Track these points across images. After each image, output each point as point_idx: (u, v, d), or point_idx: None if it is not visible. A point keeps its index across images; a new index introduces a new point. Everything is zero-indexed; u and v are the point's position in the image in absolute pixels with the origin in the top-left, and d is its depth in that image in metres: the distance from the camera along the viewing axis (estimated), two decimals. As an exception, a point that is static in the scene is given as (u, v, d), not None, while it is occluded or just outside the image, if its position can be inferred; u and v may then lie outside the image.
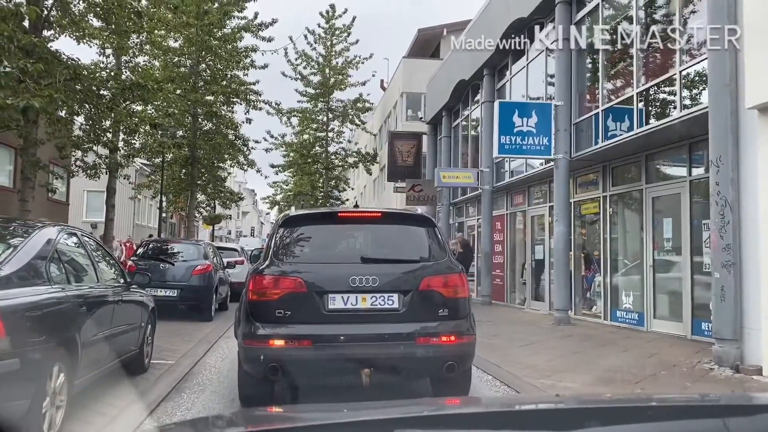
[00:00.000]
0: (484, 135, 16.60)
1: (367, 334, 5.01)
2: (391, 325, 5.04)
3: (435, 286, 5.16)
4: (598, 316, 12.35)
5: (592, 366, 7.79)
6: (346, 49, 32.78)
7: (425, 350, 5.04)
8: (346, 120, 33.58)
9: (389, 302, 5.04)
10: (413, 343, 5.02)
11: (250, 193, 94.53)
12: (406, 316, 5.05)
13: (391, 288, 5.07)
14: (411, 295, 5.07)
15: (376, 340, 5.00)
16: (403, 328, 5.04)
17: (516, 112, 11.86)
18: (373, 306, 5.02)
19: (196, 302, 11.70)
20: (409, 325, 5.05)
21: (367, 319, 5.06)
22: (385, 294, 5.04)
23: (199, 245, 12.72)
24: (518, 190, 15.94)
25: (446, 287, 5.18)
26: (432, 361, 5.10)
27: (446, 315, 5.12)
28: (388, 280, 5.08)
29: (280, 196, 37.36)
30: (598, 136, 11.45)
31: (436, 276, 5.20)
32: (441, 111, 21.14)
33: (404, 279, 5.18)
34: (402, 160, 23.95)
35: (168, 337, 9.37)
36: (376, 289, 5.01)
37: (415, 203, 20.74)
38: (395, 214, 6.56)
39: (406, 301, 5.06)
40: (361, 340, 4.99)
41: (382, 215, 6.01)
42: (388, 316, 5.05)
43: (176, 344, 8.90)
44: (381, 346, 5.00)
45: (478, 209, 18.61)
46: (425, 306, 5.13)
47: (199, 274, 11.78)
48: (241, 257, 17.76)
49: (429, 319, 5.11)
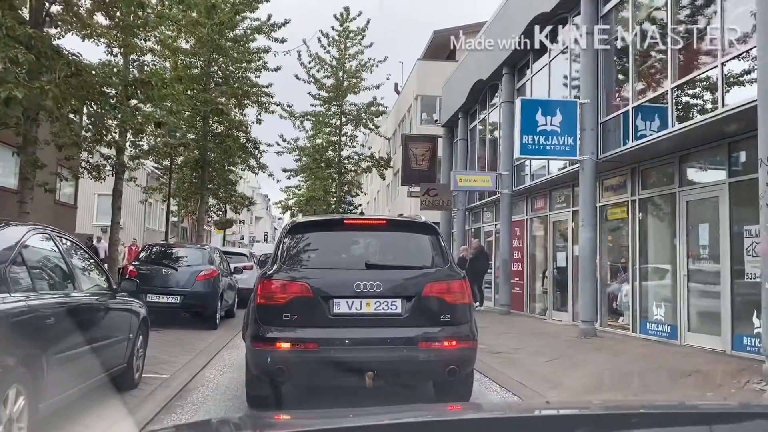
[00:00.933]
0: (504, 137, 15.91)
1: (371, 338, 5.16)
2: (395, 329, 5.18)
3: (437, 292, 5.28)
4: (626, 327, 11.58)
5: (627, 384, 7.07)
6: (360, 52, 32.21)
7: (427, 354, 5.18)
8: (360, 124, 32.96)
9: (392, 307, 5.17)
10: (416, 347, 5.15)
11: (263, 198, 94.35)
12: (409, 321, 5.18)
13: (395, 293, 5.20)
14: (414, 300, 5.20)
15: (379, 344, 5.14)
16: (405, 332, 5.17)
17: (539, 110, 11.16)
18: (377, 311, 5.15)
19: (199, 309, 11.11)
20: (411, 329, 5.17)
21: (371, 324, 5.18)
22: (389, 299, 5.16)
23: (204, 250, 12.13)
24: (539, 194, 15.21)
25: (448, 293, 5.30)
26: (434, 365, 5.24)
27: (448, 320, 5.27)
28: (391, 285, 5.21)
29: (293, 201, 36.88)
30: (627, 135, 10.72)
31: (439, 282, 5.32)
32: (457, 113, 20.48)
33: (407, 285, 5.30)
34: (416, 163, 23.28)
35: (166, 348, 8.77)
36: (379, 295, 5.14)
37: (429, 208, 20.07)
38: (399, 222, 6.78)
39: (409, 307, 5.18)
40: (365, 344, 5.14)
41: (386, 222, 6.27)
42: (392, 320, 5.18)
43: (174, 355, 8.28)
44: (384, 349, 5.13)
45: (496, 214, 17.91)
46: (427, 311, 5.26)
47: (204, 279, 11.18)
48: (250, 262, 17.20)
49: (431, 324, 5.24)
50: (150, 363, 7.02)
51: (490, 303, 17.96)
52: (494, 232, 18.02)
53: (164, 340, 9.67)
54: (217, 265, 12.10)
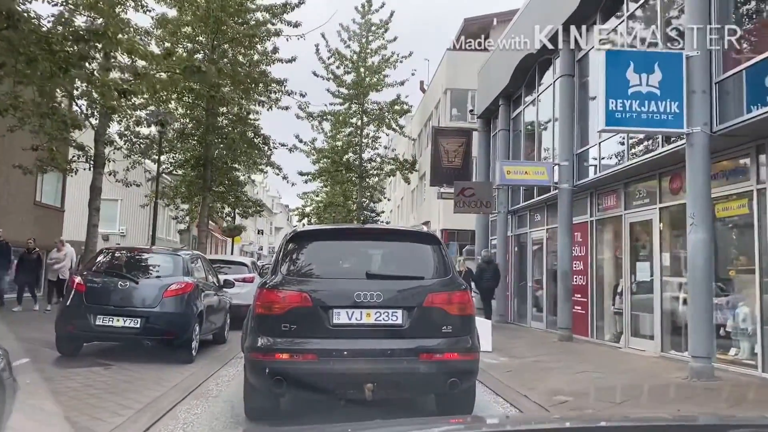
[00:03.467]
0: (562, 118, 12.87)
1: (371, 349, 5.05)
2: (395, 340, 5.11)
3: (439, 303, 5.18)
4: (746, 364, 8.44)
5: None
6: (383, 47, 29.43)
7: (428, 366, 5.09)
8: (383, 124, 30.10)
9: (393, 318, 5.09)
10: (416, 359, 5.07)
11: (284, 207, 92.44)
12: (410, 332, 5.10)
13: (396, 304, 5.11)
14: (415, 311, 5.13)
15: (379, 356, 5.04)
16: (406, 343, 5.09)
17: (631, 65, 8.13)
18: (377, 321, 5.06)
19: (167, 336, 8.22)
20: (412, 341, 5.10)
21: (371, 335, 5.09)
22: (390, 310, 5.08)
23: (177, 256, 9.17)
24: (609, 189, 12.12)
25: (450, 304, 5.22)
26: (435, 378, 5.14)
27: (450, 332, 5.18)
28: (392, 296, 5.12)
29: (310, 208, 34.10)
30: (756, 100, 7.65)
31: (441, 293, 5.23)
32: (497, 100, 17.46)
33: (409, 295, 5.21)
34: (448, 160, 20.26)
35: (97, 400, 5.89)
36: (380, 305, 5.05)
37: (464, 210, 17.03)
38: (401, 231, 6.84)
39: (410, 317, 5.11)
40: (364, 355, 5.03)
41: (387, 232, 6.46)
42: (392, 331, 5.10)
43: (98, 414, 5.37)
44: (384, 361, 5.03)
45: (546, 217, 14.83)
46: (429, 322, 5.16)
47: (174, 296, 8.29)
48: (251, 273, 14.33)
49: (433, 336, 5.15)
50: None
51: (540, 323, 14.86)
52: (544, 238, 14.93)
53: (106, 383, 6.80)
54: (197, 276, 9.22)
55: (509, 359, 9.90)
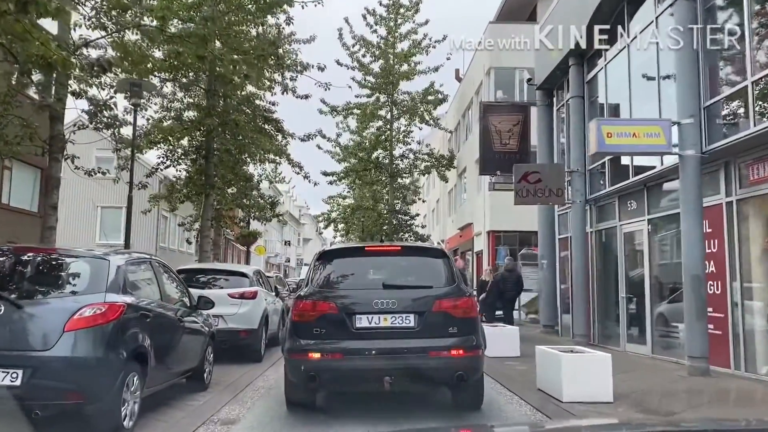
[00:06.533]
0: (681, 60, 9.08)
1: (389, 348, 5.93)
2: (409, 340, 5.95)
3: (445, 307, 6.05)
4: None
5: None
6: (413, 31, 25.80)
7: (437, 362, 5.93)
8: (415, 116, 26.43)
9: (407, 321, 5.98)
10: (427, 356, 5.90)
11: (312, 219, 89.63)
12: (421, 333, 5.96)
13: (408, 309, 6.01)
14: (425, 315, 6.01)
15: (395, 353, 5.90)
16: (418, 343, 5.93)
17: None
18: (393, 325, 5.98)
19: (70, 401, 4.67)
20: (423, 340, 5.94)
21: (388, 336, 5.96)
22: (403, 314, 5.99)
23: (101, 261, 5.43)
24: (755, 155, 8.32)
25: (455, 309, 6.06)
26: (444, 372, 5.98)
27: (455, 332, 6.01)
28: (405, 303, 6.04)
29: (336, 213, 30.56)
30: None
31: (447, 299, 6.10)
32: (566, 61, 13.70)
33: (419, 302, 6.09)
34: (501, 143, 16.50)
35: None
36: (395, 311, 5.99)
37: (528, 201, 13.26)
38: (413, 248, 7.65)
39: (421, 321, 5.98)
40: (383, 354, 5.90)
41: (401, 249, 7.19)
42: (406, 333, 5.97)
43: None
44: (400, 358, 5.87)
45: (646, 204, 11.03)
46: (437, 324, 6.01)
47: (85, 328, 4.74)
48: (252, 287, 10.75)
49: (440, 336, 5.98)
50: None
51: (642, 347, 11.02)
52: (645, 232, 11.09)
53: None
54: (140, 293, 5.66)
55: (644, 415, 6.20)
